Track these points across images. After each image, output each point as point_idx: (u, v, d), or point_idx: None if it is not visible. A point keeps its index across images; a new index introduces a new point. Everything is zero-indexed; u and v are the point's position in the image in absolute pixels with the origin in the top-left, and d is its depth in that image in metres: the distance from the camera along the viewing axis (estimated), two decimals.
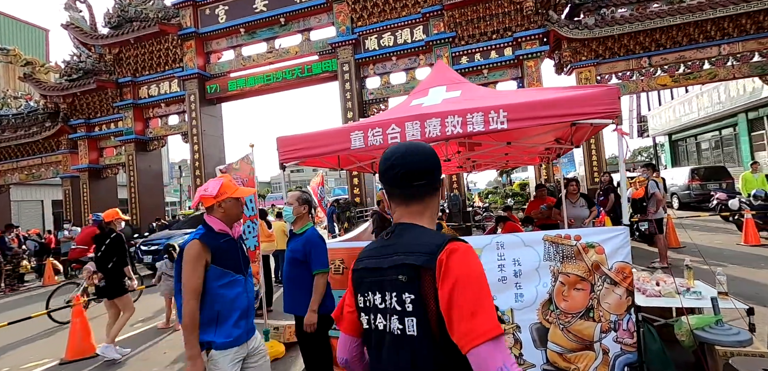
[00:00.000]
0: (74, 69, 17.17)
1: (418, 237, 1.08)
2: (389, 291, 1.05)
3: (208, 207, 2.25)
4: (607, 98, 2.95)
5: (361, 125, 3.66)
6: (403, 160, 1.13)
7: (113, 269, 4.87)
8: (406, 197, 1.15)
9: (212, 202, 2.22)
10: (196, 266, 2.08)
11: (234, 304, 2.18)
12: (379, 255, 1.12)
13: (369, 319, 1.12)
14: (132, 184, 16.85)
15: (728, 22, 11.59)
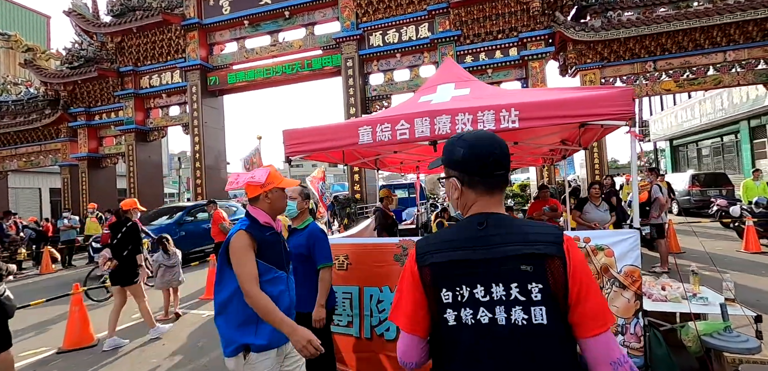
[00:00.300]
0: (75, 56, 17.07)
1: (527, 226, 1.10)
2: (505, 282, 1.03)
3: (254, 197, 2.15)
4: (621, 99, 2.92)
5: (370, 120, 3.62)
6: (501, 148, 1.14)
7: (128, 257, 4.96)
8: (490, 186, 1.13)
9: (259, 191, 2.12)
10: (246, 253, 1.98)
11: (276, 303, 2.06)
12: (473, 246, 1.06)
13: (460, 314, 1.05)
14: (131, 174, 16.79)
15: (735, 29, 11.56)
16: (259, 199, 2.15)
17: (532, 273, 1.01)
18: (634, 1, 12.46)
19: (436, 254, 1.09)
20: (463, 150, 1.14)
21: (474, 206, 1.14)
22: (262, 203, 2.15)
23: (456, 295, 1.05)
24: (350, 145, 3.74)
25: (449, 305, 1.06)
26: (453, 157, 1.16)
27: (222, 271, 2.08)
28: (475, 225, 1.10)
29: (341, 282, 3.63)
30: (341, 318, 3.60)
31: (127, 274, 4.97)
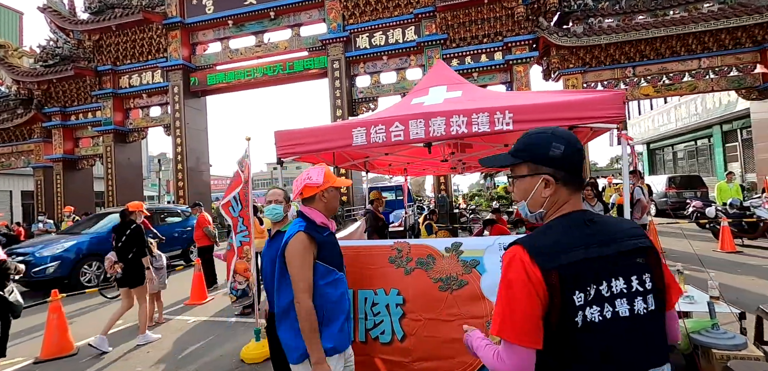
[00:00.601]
0: (50, 54, 16.47)
1: (619, 222, 1.17)
2: (625, 275, 1.07)
3: (309, 197, 2.08)
4: (612, 103, 2.98)
5: (364, 121, 3.60)
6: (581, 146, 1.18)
7: (133, 259, 4.99)
8: (579, 185, 1.17)
9: (315, 192, 2.06)
10: (305, 258, 1.91)
11: (339, 305, 2.01)
12: (589, 244, 1.06)
13: (587, 314, 1.02)
14: (109, 177, 16.28)
15: (709, 37, 12.02)
16: (315, 199, 2.09)
17: (644, 265, 1.10)
18: (614, 8, 12.83)
19: (563, 255, 1.03)
20: (562, 147, 1.12)
21: (566, 205, 1.14)
22: (318, 203, 2.09)
23: (587, 295, 1.03)
24: (344, 147, 3.71)
25: (580, 306, 1.02)
26: (548, 153, 1.13)
27: (283, 276, 2.00)
28: (583, 224, 1.10)
29: None
30: None
31: (134, 276, 4.98)
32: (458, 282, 3.17)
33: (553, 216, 1.15)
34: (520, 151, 1.18)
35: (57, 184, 16.93)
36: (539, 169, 1.15)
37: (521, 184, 1.20)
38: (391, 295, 3.35)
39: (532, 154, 1.16)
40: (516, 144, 1.21)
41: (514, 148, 1.21)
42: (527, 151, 1.17)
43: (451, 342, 3.12)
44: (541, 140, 1.15)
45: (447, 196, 13.31)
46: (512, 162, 1.21)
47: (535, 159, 1.15)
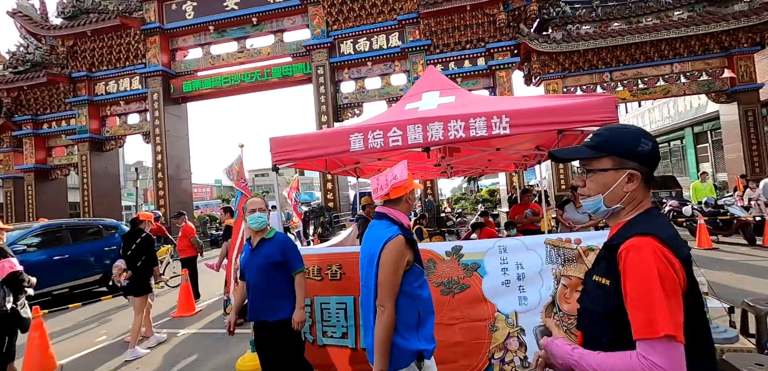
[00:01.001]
0: (21, 61, 15.81)
1: None
2: None
3: (397, 199, 1.97)
4: (605, 107, 3.08)
5: (361, 127, 3.60)
6: None
7: (141, 267, 5.03)
8: (651, 185, 1.18)
9: (403, 192, 1.97)
10: (400, 264, 1.82)
11: (430, 306, 1.97)
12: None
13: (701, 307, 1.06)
14: (85, 186, 15.70)
15: (680, 44, 12.55)
16: (401, 201, 1.99)
17: None
18: (591, 16, 13.25)
19: (684, 247, 1.06)
20: (650, 144, 1.14)
21: (644, 201, 1.16)
22: (403, 205, 2.00)
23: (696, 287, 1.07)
24: (341, 153, 3.70)
25: (698, 294, 1.07)
26: (637, 148, 1.13)
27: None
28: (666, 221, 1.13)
29: (335, 292, 3.56)
30: (335, 330, 3.52)
31: (140, 285, 5.03)
32: (460, 286, 3.19)
33: (632, 212, 1.15)
34: (605, 144, 1.17)
35: (28, 195, 16.21)
36: (625, 163, 1.14)
37: (602, 177, 1.17)
38: None
39: (619, 148, 1.15)
40: (596, 138, 1.20)
41: (595, 142, 1.19)
42: (613, 145, 1.16)
43: (454, 346, 3.14)
44: (629, 135, 1.15)
45: (434, 200, 13.40)
46: (593, 155, 1.19)
47: (622, 153, 1.15)
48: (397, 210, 1.98)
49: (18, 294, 3.58)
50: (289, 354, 2.91)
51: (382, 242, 1.85)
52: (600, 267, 1.16)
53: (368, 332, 1.95)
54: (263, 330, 2.94)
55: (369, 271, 1.92)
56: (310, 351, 3.45)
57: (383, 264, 1.82)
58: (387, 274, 1.80)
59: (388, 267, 1.81)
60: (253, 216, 2.95)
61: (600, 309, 1.11)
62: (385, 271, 1.81)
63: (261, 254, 2.92)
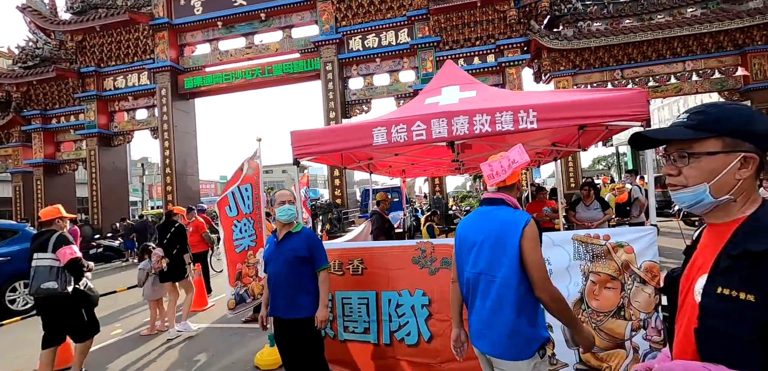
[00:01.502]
0: (30, 56, 15.87)
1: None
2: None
3: (508, 185, 1.95)
4: (636, 101, 3.02)
5: (384, 121, 3.56)
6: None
7: (177, 255, 5.47)
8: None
9: (517, 179, 1.94)
10: (539, 244, 1.81)
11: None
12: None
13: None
14: (93, 181, 15.77)
15: (693, 41, 12.41)
16: (514, 188, 1.97)
17: None
18: (602, 12, 13.13)
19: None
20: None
21: (755, 193, 1.00)
22: (514, 191, 1.98)
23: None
24: (363, 147, 3.66)
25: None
26: (754, 128, 0.97)
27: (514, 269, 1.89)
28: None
29: (356, 287, 3.53)
30: (357, 325, 3.49)
31: (178, 271, 5.46)
32: None
33: (746, 205, 0.99)
34: (713, 122, 0.99)
35: (37, 189, 16.30)
36: (738, 144, 0.96)
37: (707, 162, 0.99)
38: (416, 296, 3.32)
39: (730, 127, 0.97)
40: (698, 116, 1.02)
41: (697, 120, 1.01)
42: (724, 123, 0.98)
43: None
44: (742, 112, 0.99)
45: (442, 197, 13.36)
46: (695, 135, 1.00)
47: (734, 133, 0.97)
48: (511, 195, 1.96)
49: (79, 277, 3.89)
50: (311, 352, 2.86)
51: (519, 226, 1.80)
52: (731, 278, 0.92)
53: (472, 314, 1.94)
54: (284, 325, 2.91)
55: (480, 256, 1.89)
56: (330, 347, 3.42)
57: (531, 248, 1.78)
58: (535, 255, 1.78)
59: (535, 249, 1.79)
60: (282, 208, 2.91)
61: (743, 332, 0.88)
62: (535, 253, 1.78)
63: (287, 247, 2.88)
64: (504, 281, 1.80)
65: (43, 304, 3.79)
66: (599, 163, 49.60)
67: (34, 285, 3.72)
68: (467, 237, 1.99)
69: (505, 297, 1.79)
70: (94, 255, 14.24)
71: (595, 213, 5.72)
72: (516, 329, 1.78)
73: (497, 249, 1.83)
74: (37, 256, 3.76)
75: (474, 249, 1.92)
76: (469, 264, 1.94)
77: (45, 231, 3.88)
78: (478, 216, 2.00)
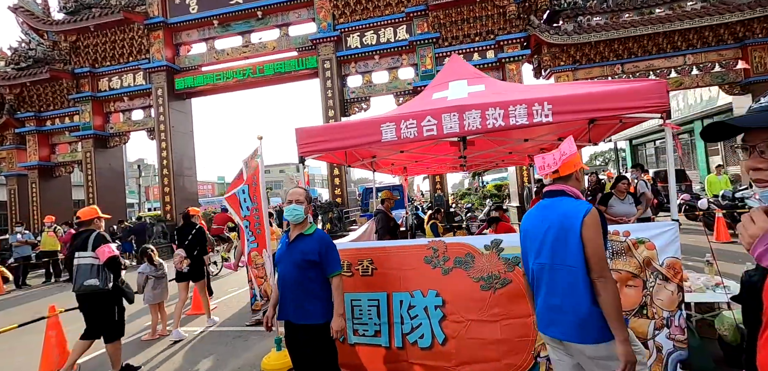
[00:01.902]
0: (23, 57, 15.63)
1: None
2: None
3: (567, 175, 1.98)
4: (656, 92, 2.92)
5: (393, 117, 3.44)
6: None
7: (197, 256, 5.62)
8: None
9: (574, 169, 1.98)
10: (600, 232, 1.82)
11: None
12: None
13: None
14: (90, 183, 15.55)
15: (693, 34, 12.36)
16: (571, 177, 1.99)
17: None
18: (602, 7, 13.05)
19: None
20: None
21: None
22: (573, 181, 2.00)
23: None
24: (372, 143, 3.54)
25: None
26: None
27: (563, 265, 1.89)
28: None
29: (366, 288, 3.42)
30: (367, 328, 3.38)
31: (197, 271, 5.63)
32: (501, 281, 3.05)
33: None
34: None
35: (32, 192, 16.08)
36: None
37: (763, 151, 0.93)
38: (429, 297, 3.22)
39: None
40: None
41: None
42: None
43: (497, 344, 3.01)
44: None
45: (443, 195, 13.26)
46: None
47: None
48: (570, 185, 1.99)
49: (117, 274, 4.06)
50: (319, 358, 2.72)
51: (579, 215, 1.83)
52: None
53: (540, 303, 2.00)
54: (294, 329, 2.79)
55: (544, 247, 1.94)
56: (339, 351, 3.31)
57: (592, 237, 1.80)
58: (598, 245, 1.81)
59: (596, 239, 1.81)
60: (288, 207, 2.78)
61: None
62: (595, 243, 1.81)
63: (297, 250, 2.75)
64: (571, 269, 1.84)
65: (85, 301, 3.95)
66: (596, 158, 49.64)
67: (78, 282, 3.88)
68: (531, 230, 2.05)
69: (575, 284, 1.83)
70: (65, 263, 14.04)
71: (630, 207, 5.64)
72: (591, 314, 1.80)
73: (561, 239, 1.88)
74: (78, 255, 3.91)
75: (538, 240, 1.98)
76: (534, 256, 2.01)
77: (83, 231, 4.05)
78: (541, 208, 2.05)
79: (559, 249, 1.87)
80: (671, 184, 3.06)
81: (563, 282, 1.86)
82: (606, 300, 1.78)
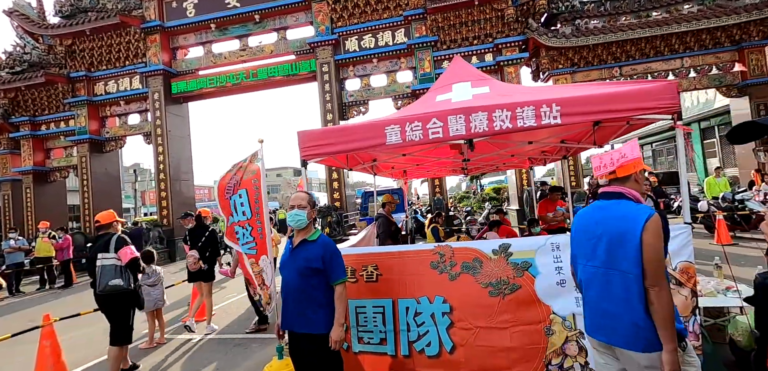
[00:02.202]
0: (18, 61, 15.46)
1: None
2: None
3: (620, 178, 1.92)
4: (667, 93, 2.87)
5: (398, 119, 3.37)
6: None
7: (209, 258, 5.78)
8: None
9: (633, 171, 1.91)
10: (661, 238, 1.75)
11: None
12: None
13: None
14: (85, 189, 15.37)
15: (690, 37, 12.41)
16: (630, 179, 1.93)
17: None
18: (600, 10, 13.08)
19: None
20: None
21: None
22: (633, 184, 1.93)
23: None
24: (376, 146, 3.47)
25: None
26: None
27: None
28: None
29: (371, 295, 3.34)
30: (373, 336, 3.30)
31: (207, 272, 5.75)
32: (510, 287, 2.98)
33: None
34: None
35: (27, 198, 15.87)
36: None
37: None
38: (436, 303, 3.14)
39: None
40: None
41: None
42: None
43: (507, 351, 2.93)
44: None
45: (442, 199, 13.20)
46: None
47: None
48: (628, 187, 1.93)
49: (136, 276, 4.22)
50: (323, 369, 2.65)
51: (640, 220, 1.76)
52: None
53: (590, 306, 1.97)
54: (297, 339, 2.70)
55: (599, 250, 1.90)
56: (344, 359, 3.23)
57: (651, 243, 1.74)
58: (657, 252, 1.75)
59: (656, 245, 1.75)
60: (290, 213, 2.71)
61: None
62: (655, 250, 1.74)
63: (300, 256, 2.67)
64: (628, 274, 1.78)
65: (108, 300, 4.06)
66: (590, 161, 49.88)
67: (102, 282, 3.99)
68: (584, 231, 2.01)
69: (629, 290, 1.77)
70: (86, 264, 13.86)
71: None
72: (645, 321, 1.75)
73: (616, 242, 1.82)
74: (101, 256, 4.03)
75: (591, 242, 1.93)
76: (587, 258, 1.96)
77: (104, 234, 4.16)
78: (596, 210, 2.00)
79: (615, 253, 1.82)
80: (683, 187, 3.00)
81: (616, 286, 1.81)
82: (659, 309, 1.74)
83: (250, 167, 4.76)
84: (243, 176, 4.71)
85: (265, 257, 4.44)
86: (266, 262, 4.42)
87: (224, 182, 4.66)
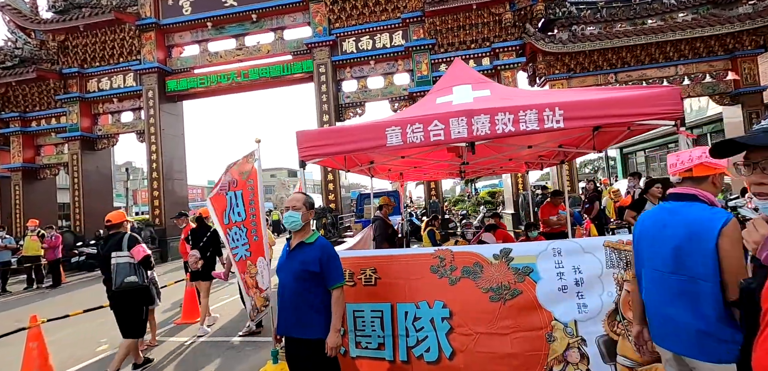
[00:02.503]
0: (8, 56, 15.21)
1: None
2: None
3: (697, 178, 1.82)
4: (670, 98, 2.86)
5: (399, 120, 3.33)
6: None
7: (210, 257, 5.83)
8: None
9: (712, 172, 1.83)
10: (741, 245, 1.60)
11: None
12: None
13: None
14: (76, 187, 15.14)
15: (685, 46, 12.52)
16: (706, 181, 1.84)
17: None
18: (596, 17, 13.18)
19: None
20: None
21: None
22: (708, 186, 1.83)
23: None
24: (376, 148, 3.42)
25: None
26: None
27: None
28: None
29: (369, 298, 3.28)
30: (370, 340, 3.24)
31: (207, 271, 5.78)
32: (511, 292, 2.94)
33: None
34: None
35: (15, 195, 15.59)
36: None
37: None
38: (435, 308, 3.09)
39: None
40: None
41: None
42: None
43: (507, 358, 2.88)
44: None
45: (438, 202, 13.18)
46: None
47: None
48: (703, 189, 1.82)
49: (147, 271, 4.34)
50: None
51: (716, 225, 1.64)
52: None
53: (658, 313, 1.88)
54: (294, 344, 2.64)
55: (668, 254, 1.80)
56: (340, 364, 3.17)
57: (731, 252, 1.61)
58: (737, 260, 1.60)
59: (735, 252, 1.60)
60: (286, 214, 2.65)
61: None
62: (734, 257, 1.60)
63: (297, 259, 2.61)
64: (695, 281, 1.69)
65: (123, 297, 4.18)
66: (585, 166, 50.09)
67: (118, 279, 4.11)
68: (650, 234, 1.91)
69: (702, 298, 1.67)
70: (76, 264, 13.65)
71: None
72: (717, 331, 1.65)
73: (687, 247, 1.72)
74: (115, 255, 4.16)
75: (656, 245, 1.84)
76: (654, 262, 1.86)
77: (115, 233, 4.29)
78: (665, 212, 1.89)
79: (684, 258, 1.72)
80: None
81: (685, 293, 1.72)
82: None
83: (245, 167, 4.68)
84: (238, 177, 4.63)
85: (262, 259, 4.37)
86: (263, 264, 4.35)
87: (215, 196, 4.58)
